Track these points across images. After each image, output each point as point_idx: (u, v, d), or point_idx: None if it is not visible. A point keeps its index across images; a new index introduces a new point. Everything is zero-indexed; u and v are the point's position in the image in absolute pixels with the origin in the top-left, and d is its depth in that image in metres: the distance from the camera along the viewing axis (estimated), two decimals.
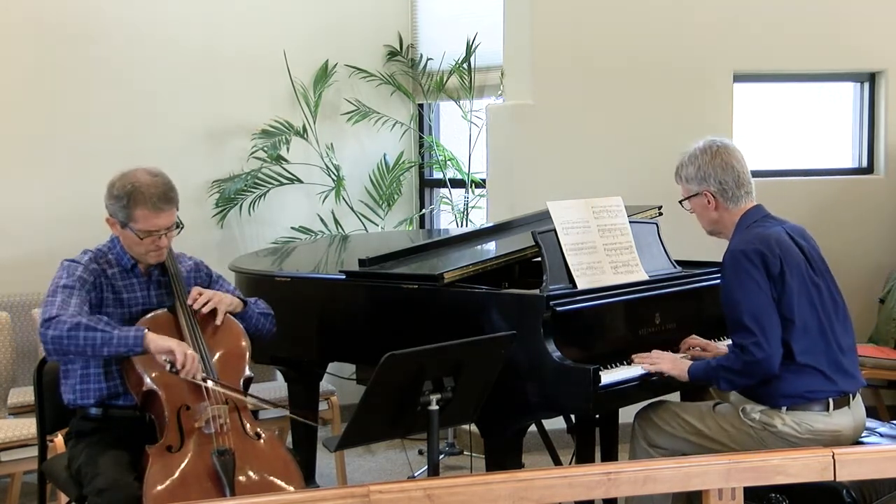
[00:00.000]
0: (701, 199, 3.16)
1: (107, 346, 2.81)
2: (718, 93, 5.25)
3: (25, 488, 4.26)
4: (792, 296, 2.98)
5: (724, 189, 3.12)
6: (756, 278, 2.97)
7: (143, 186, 2.97)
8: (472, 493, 2.22)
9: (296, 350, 3.82)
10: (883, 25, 5.43)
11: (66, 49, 5.11)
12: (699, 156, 3.15)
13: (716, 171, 3.12)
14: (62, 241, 3.98)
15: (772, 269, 2.98)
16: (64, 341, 2.79)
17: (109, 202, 3.02)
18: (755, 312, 2.96)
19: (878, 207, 5.48)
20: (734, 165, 3.13)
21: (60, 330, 2.79)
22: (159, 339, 2.84)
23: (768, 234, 3.06)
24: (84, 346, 2.80)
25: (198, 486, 2.79)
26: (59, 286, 2.94)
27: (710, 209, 3.16)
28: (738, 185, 3.12)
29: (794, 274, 3.00)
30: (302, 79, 5.65)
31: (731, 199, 3.13)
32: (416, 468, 4.80)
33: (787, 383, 3.00)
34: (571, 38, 5.06)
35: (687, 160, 3.19)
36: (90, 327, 2.81)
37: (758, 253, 2.98)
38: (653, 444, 3.23)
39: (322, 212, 5.72)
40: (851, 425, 3.07)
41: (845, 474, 2.43)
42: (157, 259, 3.08)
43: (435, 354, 2.68)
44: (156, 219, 2.99)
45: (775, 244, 3.02)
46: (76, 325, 2.80)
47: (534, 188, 4.86)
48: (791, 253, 3.04)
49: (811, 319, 3.02)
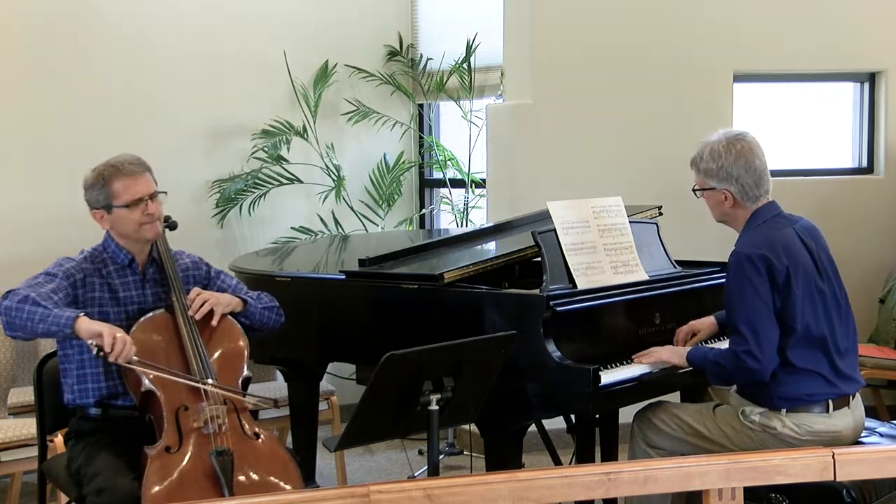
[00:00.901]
0: (718, 195, 3.11)
1: (42, 323, 2.79)
2: (718, 93, 5.25)
3: (25, 488, 4.26)
4: (796, 304, 2.97)
5: (744, 190, 3.06)
6: (756, 285, 2.94)
7: (111, 161, 3.05)
8: (472, 493, 2.21)
9: (296, 350, 3.82)
10: (883, 25, 5.43)
11: (65, 49, 5.10)
12: (723, 154, 3.06)
13: (738, 173, 3.05)
14: (61, 241, 3.97)
15: (777, 277, 2.95)
16: (12, 312, 2.79)
17: (88, 194, 3.06)
18: (751, 319, 2.94)
19: (878, 207, 5.48)
20: (756, 165, 3.06)
21: (12, 300, 2.81)
22: (91, 323, 2.80)
23: (777, 237, 3.02)
24: (25, 321, 2.79)
25: (196, 486, 2.78)
26: (42, 272, 2.97)
27: (725, 205, 3.11)
28: (758, 185, 3.07)
29: (799, 282, 2.98)
30: (302, 79, 5.65)
31: (750, 199, 3.08)
32: (416, 468, 4.80)
33: (786, 387, 3.00)
34: (571, 38, 5.06)
35: (707, 155, 3.09)
36: (36, 302, 2.80)
37: (763, 259, 2.95)
38: (652, 445, 3.22)
39: (322, 212, 5.72)
40: (851, 426, 3.07)
41: (845, 474, 2.43)
42: (152, 232, 3.07)
43: (435, 354, 2.68)
44: (135, 185, 3.02)
45: (783, 251, 2.98)
46: (24, 298, 2.80)
47: (534, 188, 4.86)
48: (799, 259, 3.00)
49: (814, 326, 3.00)
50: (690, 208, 5.08)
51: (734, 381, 3.07)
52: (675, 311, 3.43)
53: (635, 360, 3.17)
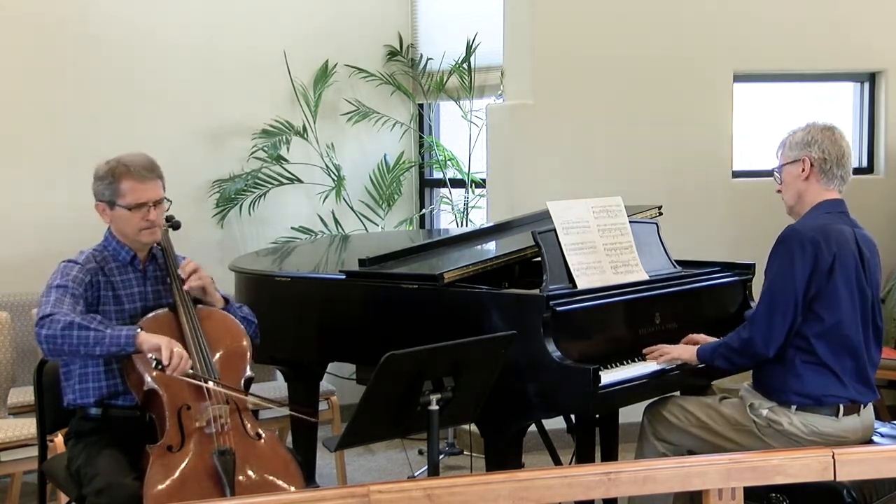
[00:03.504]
0: (796, 167, 3.13)
1: (99, 346, 2.81)
2: (718, 93, 5.25)
3: (25, 488, 4.26)
4: (835, 295, 2.98)
5: (824, 160, 3.09)
6: (795, 263, 2.96)
7: (125, 159, 3.05)
8: (472, 493, 2.21)
9: (296, 350, 3.82)
10: (883, 25, 5.43)
11: (66, 49, 5.11)
12: (813, 126, 3.15)
13: (823, 141, 3.10)
14: (61, 241, 3.98)
15: (821, 262, 2.97)
16: (58, 340, 2.79)
17: (96, 185, 3.07)
18: (773, 292, 2.98)
19: (878, 207, 5.47)
20: (842, 146, 3.12)
21: (54, 329, 2.80)
22: (151, 336, 2.84)
23: (833, 228, 3.04)
24: (77, 346, 2.80)
25: (198, 486, 2.79)
26: (53, 286, 2.95)
27: (800, 179, 3.13)
28: (839, 164, 3.10)
29: (843, 275, 2.99)
30: (302, 79, 5.65)
31: (826, 175, 3.10)
32: (416, 468, 4.80)
33: (803, 381, 3.00)
34: (571, 38, 5.06)
35: (799, 128, 3.18)
36: (83, 326, 2.81)
37: (813, 242, 2.97)
38: (661, 439, 3.26)
39: (322, 212, 5.72)
40: (859, 431, 3.07)
41: (845, 474, 2.43)
42: (150, 238, 3.08)
43: (435, 354, 2.68)
44: (142, 189, 3.02)
45: (835, 241, 3.00)
46: (69, 325, 2.80)
47: (534, 188, 4.86)
48: (848, 255, 3.02)
49: (847, 324, 3.00)
50: (690, 208, 5.10)
51: (739, 359, 3.08)
52: (675, 311, 3.44)
53: (648, 359, 3.20)
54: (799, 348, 3.02)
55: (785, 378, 3.02)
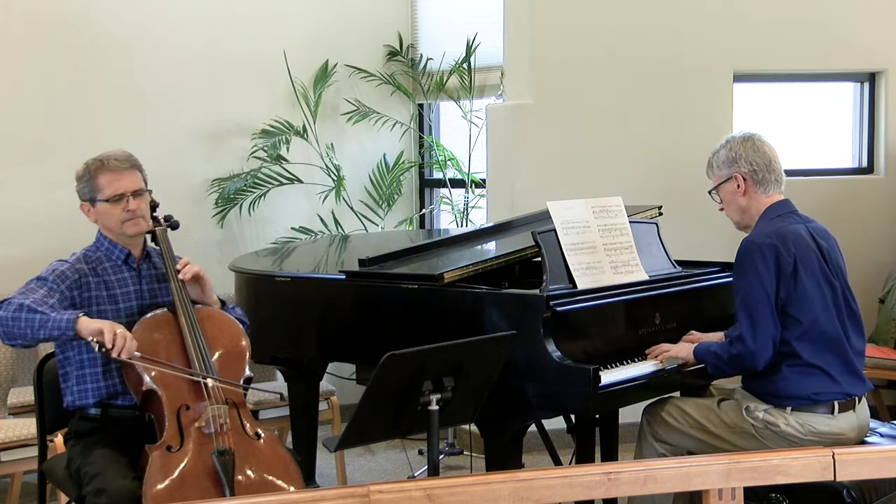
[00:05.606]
0: (731, 185, 3.18)
1: (43, 329, 2.80)
2: (718, 93, 5.25)
3: (25, 488, 4.26)
4: (804, 295, 2.99)
5: (754, 171, 3.14)
6: (760, 272, 2.98)
7: (102, 156, 3.09)
8: (472, 493, 2.21)
9: (296, 350, 3.82)
10: (883, 25, 5.43)
11: (66, 49, 5.11)
12: (731, 141, 3.21)
13: (747, 153, 3.15)
14: (61, 241, 3.97)
15: (784, 266, 2.99)
16: (9, 322, 2.81)
17: (78, 186, 3.11)
18: (749, 305, 2.99)
19: (878, 207, 5.48)
20: (766, 151, 3.17)
21: (7, 311, 2.82)
22: (91, 322, 2.81)
23: (788, 230, 3.06)
24: (25, 328, 2.80)
25: (197, 485, 2.78)
26: (34, 278, 2.98)
27: (738, 195, 3.17)
28: (769, 170, 3.15)
29: (808, 273, 3.01)
30: (302, 79, 5.65)
31: (761, 183, 3.15)
32: (416, 468, 4.80)
33: (793, 384, 3.00)
34: (571, 38, 5.06)
35: (718, 147, 3.24)
36: (32, 309, 2.81)
37: (771, 248, 3.00)
38: (659, 440, 3.26)
39: (322, 212, 5.72)
40: (856, 428, 3.07)
41: (845, 474, 2.43)
42: (134, 229, 3.09)
43: (435, 354, 2.68)
44: (118, 180, 3.04)
45: (792, 243, 3.02)
46: (20, 307, 2.81)
47: (534, 188, 4.86)
48: (808, 252, 3.04)
49: (824, 320, 3.02)
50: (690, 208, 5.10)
51: (728, 370, 3.11)
52: (674, 311, 3.44)
53: (649, 357, 3.21)
54: (783, 354, 3.02)
55: (775, 385, 3.03)
